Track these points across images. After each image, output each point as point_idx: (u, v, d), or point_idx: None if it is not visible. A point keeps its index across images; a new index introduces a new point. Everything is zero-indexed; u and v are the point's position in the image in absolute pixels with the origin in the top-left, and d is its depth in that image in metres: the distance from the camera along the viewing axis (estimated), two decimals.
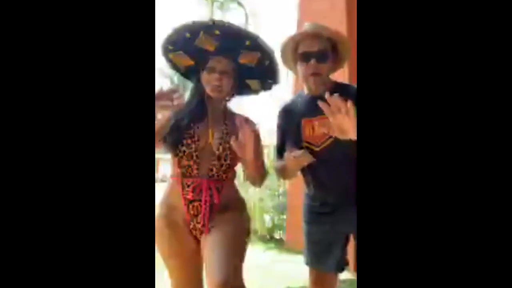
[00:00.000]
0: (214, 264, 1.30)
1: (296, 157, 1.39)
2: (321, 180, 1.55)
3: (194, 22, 1.43)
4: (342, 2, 3.31)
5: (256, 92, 1.68)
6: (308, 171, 1.57)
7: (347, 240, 1.59)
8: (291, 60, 1.58)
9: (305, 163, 1.44)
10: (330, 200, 1.54)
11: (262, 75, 1.59)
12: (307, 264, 1.65)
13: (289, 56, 1.57)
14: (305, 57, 1.48)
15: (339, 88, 1.45)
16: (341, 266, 1.60)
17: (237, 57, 1.51)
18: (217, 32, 1.43)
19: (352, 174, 1.34)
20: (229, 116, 1.56)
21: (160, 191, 1.51)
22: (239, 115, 1.56)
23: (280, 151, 1.61)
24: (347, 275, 2.40)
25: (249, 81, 1.62)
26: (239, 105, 1.72)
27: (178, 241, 1.43)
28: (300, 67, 1.52)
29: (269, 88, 1.66)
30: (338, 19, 3.25)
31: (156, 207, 1.47)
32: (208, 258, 1.35)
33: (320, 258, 1.59)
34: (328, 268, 1.58)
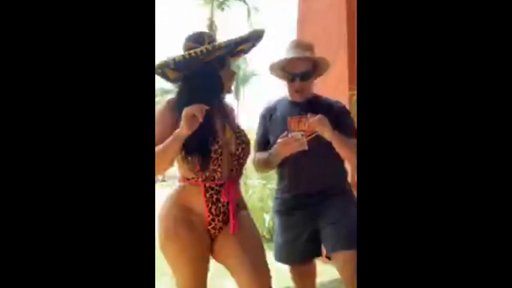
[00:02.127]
0: (254, 263, 1.37)
1: (293, 137, 1.53)
2: (302, 171, 1.64)
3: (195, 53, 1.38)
4: (342, 2, 3.31)
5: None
6: (288, 162, 1.64)
7: (316, 234, 1.65)
8: (280, 75, 1.79)
9: (298, 149, 1.54)
10: (304, 192, 1.65)
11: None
12: (276, 259, 1.76)
13: (278, 71, 1.77)
14: (291, 77, 1.71)
15: (317, 100, 1.76)
16: (308, 258, 1.70)
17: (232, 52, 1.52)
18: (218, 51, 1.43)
19: (331, 171, 1.64)
20: (228, 109, 1.57)
21: (160, 191, 1.50)
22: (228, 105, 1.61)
23: (261, 144, 1.77)
24: None
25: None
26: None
27: (193, 241, 1.41)
28: (287, 83, 1.75)
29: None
30: (338, 19, 3.25)
31: (163, 208, 1.45)
32: (242, 257, 1.38)
33: (285, 251, 1.71)
34: (295, 260, 1.70)
